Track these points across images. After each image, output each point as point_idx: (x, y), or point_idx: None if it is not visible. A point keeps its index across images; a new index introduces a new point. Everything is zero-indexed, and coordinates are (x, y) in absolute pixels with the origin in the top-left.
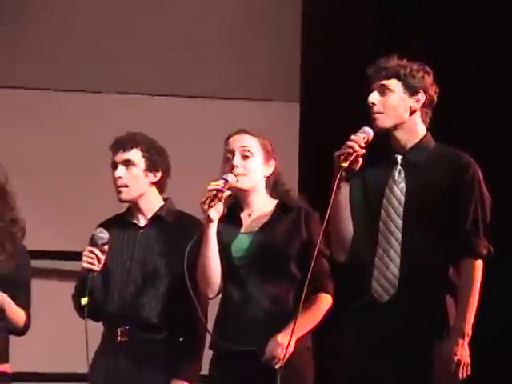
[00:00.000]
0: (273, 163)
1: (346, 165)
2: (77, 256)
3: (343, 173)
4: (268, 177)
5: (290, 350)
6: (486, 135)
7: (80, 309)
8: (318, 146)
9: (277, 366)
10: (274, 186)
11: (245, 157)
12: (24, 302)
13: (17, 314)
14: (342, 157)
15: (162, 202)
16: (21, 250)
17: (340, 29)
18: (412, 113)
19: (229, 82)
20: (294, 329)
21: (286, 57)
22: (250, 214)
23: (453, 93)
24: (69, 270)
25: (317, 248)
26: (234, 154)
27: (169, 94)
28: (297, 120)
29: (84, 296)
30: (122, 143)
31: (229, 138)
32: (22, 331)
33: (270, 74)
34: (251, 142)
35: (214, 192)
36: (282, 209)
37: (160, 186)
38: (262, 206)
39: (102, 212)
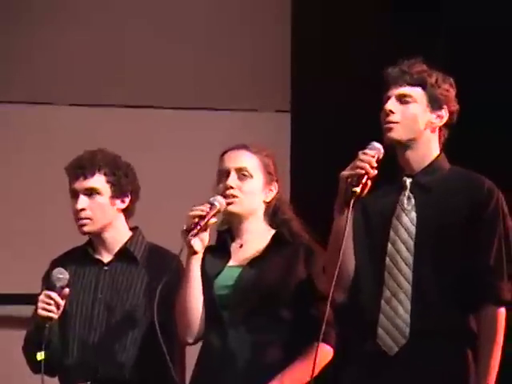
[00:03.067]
0: (275, 187)
1: (358, 190)
2: (26, 299)
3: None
4: (268, 203)
5: None
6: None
7: (34, 363)
8: (310, 157)
9: None
10: (273, 213)
11: (242, 177)
12: None
13: None
14: (352, 180)
15: (130, 233)
16: None
17: (331, 36)
18: (431, 130)
19: (215, 92)
20: (287, 379)
21: (276, 65)
22: (241, 245)
23: None
24: (16, 316)
25: (331, 292)
26: (228, 174)
27: (150, 105)
28: (288, 130)
29: (40, 349)
30: (82, 167)
31: (224, 153)
32: None
33: (259, 83)
34: (250, 162)
35: (197, 220)
36: (278, 242)
37: (128, 211)
38: (256, 236)
39: (57, 245)
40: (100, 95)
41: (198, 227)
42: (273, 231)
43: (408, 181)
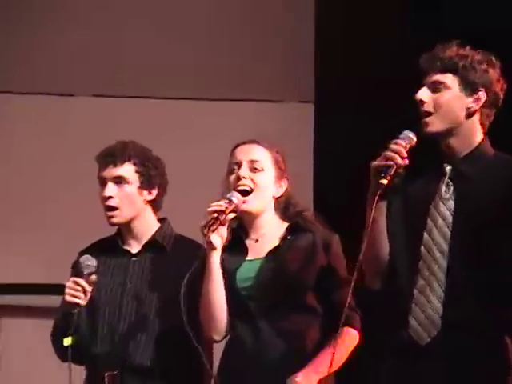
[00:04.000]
0: (285, 183)
1: (385, 182)
2: (53, 289)
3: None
4: (278, 198)
5: None
6: None
7: (62, 350)
8: (333, 147)
9: None
10: (285, 207)
11: (254, 170)
12: None
13: None
14: (381, 171)
15: (158, 224)
16: None
17: (355, 26)
18: (469, 115)
19: (239, 83)
20: (318, 366)
21: (299, 55)
22: (256, 240)
23: None
24: (45, 305)
25: (354, 276)
26: (240, 167)
27: (173, 96)
28: (311, 121)
29: (67, 335)
30: (113, 156)
31: (236, 147)
32: None
33: (282, 74)
34: (263, 156)
35: (216, 215)
36: (293, 232)
37: (155, 204)
38: (271, 230)
39: (86, 236)
40: (122, 85)
41: (217, 223)
42: (286, 224)
43: (448, 168)
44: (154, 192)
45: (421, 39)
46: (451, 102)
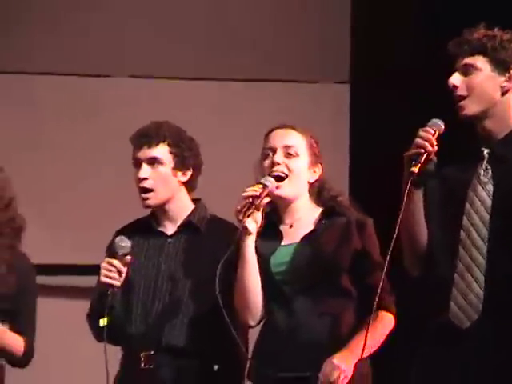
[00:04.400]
0: (319, 168)
1: (416, 170)
2: (90, 270)
3: (414, 178)
4: (313, 183)
5: (349, 374)
6: None
7: (98, 330)
8: (369, 128)
9: None
10: (319, 192)
11: (289, 155)
12: (25, 327)
13: (12, 342)
14: (412, 159)
15: (193, 205)
16: (23, 262)
17: (392, 5)
18: (504, 93)
19: (274, 64)
20: (353, 350)
21: (335, 35)
22: (291, 225)
23: None
24: (82, 286)
25: (386, 261)
26: (274, 152)
27: (209, 77)
28: (347, 101)
29: (103, 316)
30: (147, 137)
31: (271, 131)
32: (21, 362)
33: (318, 54)
34: (298, 141)
35: (251, 199)
36: (328, 216)
37: (190, 185)
38: (305, 215)
39: (119, 217)
40: (163, 67)
41: (252, 208)
42: (321, 209)
43: (486, 151)
44: (189, 173)
45: (454, 23)
46: (484, 83)
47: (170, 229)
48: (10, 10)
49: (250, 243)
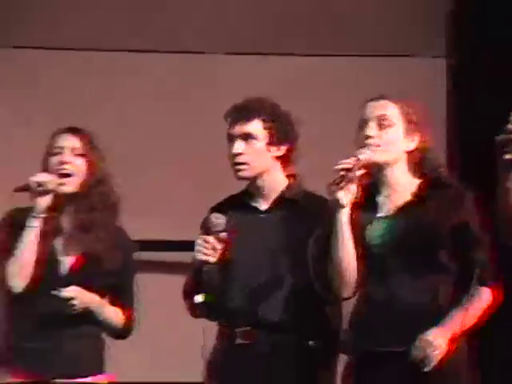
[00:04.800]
0: (418, 136)
1: (509, 156)
2: (186, 246)
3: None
4: (411, 152)
5: (443, 350)
6: None
7: (194, 307)
8: (468, 106)
9: (426, 369)
10: (419, 162)
11: (381, 126)
12: (126, 299)
13: (112, 315)
14: (504, 145)
15: (287, 181)
16: (122, 237)
17: None
18: None
19: (369, 37)
20: (449, 326)
21: (431, 8)
22: (388, 196)
23: None
24: (177, 261)
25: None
26: (368, 124)
27: (305, 53)
28: (443, 76)
29: (199, 292)
30: (241, 112)
31: (365, 104)
32: (120, 334)
33: (415, 28)
34: (392, 111)
35: (343, 172)
36: (427, 187)
37: (285, 160)
38: (403, 186)
39: (214, 195)
40: (254, 43)
41: (345, 180)
42: (419, 180)
43: None
44: (283, 148)
45: None
46: None
47: (264, 204)
48: None
49: (343, 216)
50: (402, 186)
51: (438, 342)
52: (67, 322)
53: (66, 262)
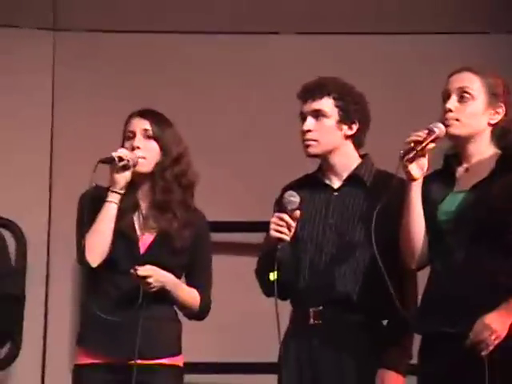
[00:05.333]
0: (502, 109)
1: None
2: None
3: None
4: (494, 124)
5: (502, 335)
6: None
7: (267, 285)
8: None
9: (483, 353)
10: (501, 135)
11: (462, 99)
12: (201, 280)
13: (188, 295)
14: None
15: (359, 160)
16: (196, 217)
17: None
18: None
19: (445, 15)
20: (508, 310)
21: None
22: (467, 169)
23: None
24: (248, 242)
25: None
26: (449, 96)
27: (377, 31)
28: None
29: (273, 270)
30: (311, 90)
31: (450, 76)
32: (197, 315)
33: (488, 3)
34: (473, 83)
35: (413, 144)
36: (504, 165)
37: (357, 140)
38: (483, 160)
39: (284, 175)
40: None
41: (414, 152)
42: (500, 155)
43: None
44: (355, 127)
45: None
46: None
47: (336, 182)
48: None
49: (414, 188)
50: (483, 160)
51: (495, 325)
52: (144, 301)
53: (143, 240)
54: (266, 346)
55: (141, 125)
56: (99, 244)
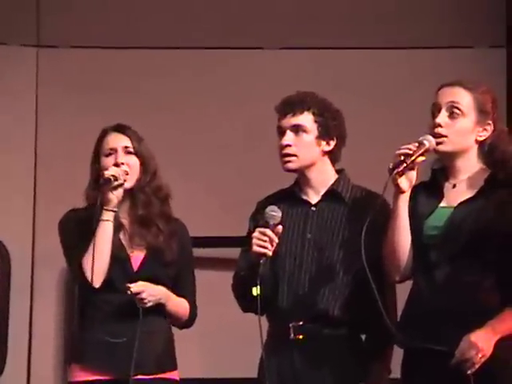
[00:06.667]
0: (490, 126)
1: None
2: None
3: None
4: (482, 141)
5: (487, 353)
6: None
7: (245, 301)
8: None
9: (469, 372)
10: (489, 152)
11: (452, 115)
12: (188, 288)
13: (180, 305)
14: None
15: (336, 175)
16: (179, 225)
17: None
18: None
19: (429, 30)
20: (495, 328)
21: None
22: (454, 185)
23: None
24: (218, 257)
25: None
26: (439, 111)
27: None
28: (503, 67)
29: (255, 285)
30: (291, 105)
31: (439, 89)
32: (187, 323)
33: (472, 18)
34: (463, 98)
35: (403, 157)
36: (492, 184)
37: (334, 156)
38: (471, 176)
39: (258, 190)
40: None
41: (404, 165)
42: (488, 173)
43: None
44: (332, 143)
45: None
46: None
47: (313, 197)
48: None
49: (401, 201)
50: (471, 176)
51: (481, 344)
52: (139, 317)
53: (134, 257)
54: (244, 360)
55: (121, 141)
56: (100, 264)
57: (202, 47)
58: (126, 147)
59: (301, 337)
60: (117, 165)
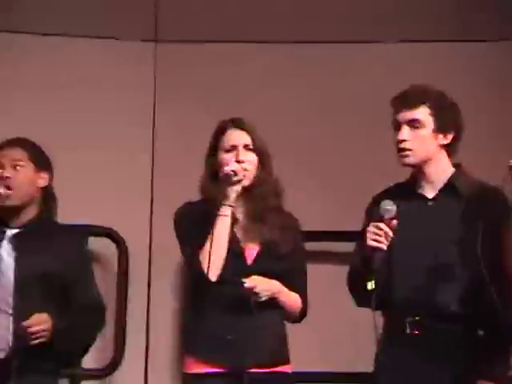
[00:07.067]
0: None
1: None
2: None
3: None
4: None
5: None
6: None
7: (360, 296)
8: None
9: None
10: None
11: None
12: (301, 282)
13: (292, 299)
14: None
15: (453, 169)
16: (293, 219)
17: None
18: None
19: (456, 22)
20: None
21: None
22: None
23: None
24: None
25: None
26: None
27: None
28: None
29: (370, 279)
30: (407, 99)
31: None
32: (298, 318)
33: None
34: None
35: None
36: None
37: (451, 149)
38: (439, 178)
39: (372, 184)
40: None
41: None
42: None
43: None
44: (450, 136)
45: None
46: None
47: (430, 192)
48: None
49: None
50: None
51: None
52: (252, 311)
53: (248, 251)
54: (359, 355)
55: (242, 139)
56: (217, 258)
57: (329, 41)
58: (247, 145)
59: (417, 332)
60: (237, 162)
